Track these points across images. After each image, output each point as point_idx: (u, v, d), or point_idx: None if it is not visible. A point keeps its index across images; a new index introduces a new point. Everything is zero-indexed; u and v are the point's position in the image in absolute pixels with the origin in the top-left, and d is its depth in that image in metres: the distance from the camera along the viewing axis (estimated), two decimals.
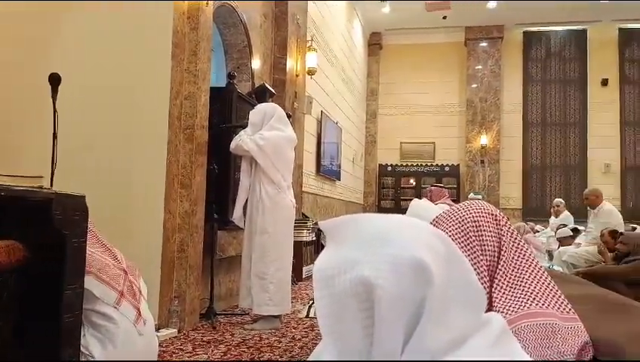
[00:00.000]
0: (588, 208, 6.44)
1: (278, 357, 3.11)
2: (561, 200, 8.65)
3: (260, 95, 4.18)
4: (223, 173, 4.14)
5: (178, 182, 3.68)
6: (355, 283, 0.72)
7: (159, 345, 2.86)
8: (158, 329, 3.25)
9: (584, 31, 12.15)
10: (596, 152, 11.93)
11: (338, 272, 0.74)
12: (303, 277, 6.33)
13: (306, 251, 6.52)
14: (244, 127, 3.96)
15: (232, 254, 4.51)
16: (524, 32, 12.45)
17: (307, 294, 5.39)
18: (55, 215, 1.83)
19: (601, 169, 11.89)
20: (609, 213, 6.06)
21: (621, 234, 4.94)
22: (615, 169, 11.90)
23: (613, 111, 11.99)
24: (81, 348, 2.04)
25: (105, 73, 3.47)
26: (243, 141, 3.81)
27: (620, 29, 12.03)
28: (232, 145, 3.90)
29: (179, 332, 3.55)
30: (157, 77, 3.59)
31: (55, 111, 2.46)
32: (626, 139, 11.97)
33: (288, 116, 4.23)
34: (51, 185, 2.33)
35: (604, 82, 11.97)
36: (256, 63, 5.55)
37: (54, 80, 2.53)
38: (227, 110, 4.27)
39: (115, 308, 2.18)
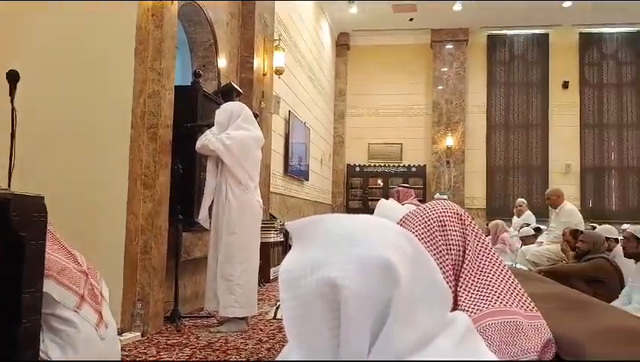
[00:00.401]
0: (549, 208, 6.60)
1: (244, 359, 3.08)
2: (523, 200, 8.82)
3: (227, 94, 4.13)
4: (187, 173, 4.07)
5: (141, 183, 3.61)
6: (322, 284, 0.71)
7: (122, 349, 2.80)
8: (120, 333, 3.18)
9: (546, 35, 12.47)
10: (557, 153, 12.26)
11: (305, 273, 0.73)
12: (271, 278, 6.29)
13: (274, 252, 6.49)
14: (209, 126, 3.91)
15: (197, 256, 4.44)
16: (488, 36, 12.69)
17: (274, 295, 5.36)
18: (12, 216, 1.77)
19: (561, 170, 12.22)
20: (570, 213, 6.22)
21: (581, 233, 5.08)
22: (575, 170, 12.25)
23: (574, 113, 12.34)
24: (40, 354, 1.98)
25: (66, 70, 3.37)
26: (209, 140, 3.76)
27: (581, 34, 12.39)
28: (198, 144, 3.85)
29: (142, 335, 3.48)
30: (120, 75, 3.51)
31: (13, 109, 2.38)
32: (585, 140, 12.33)
33: (255, 116, 4.20)
34: (9, 186, 2.25)
35: (565, 85, 12.30)
36: (222, 62, 5.49)
37: (12, 77, 2.45)
38: (192, 109, 4.21)
39: (76, 312, 2.12)
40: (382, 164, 12.76)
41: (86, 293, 2.18)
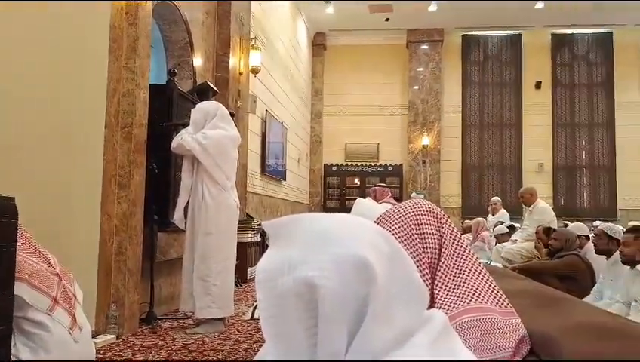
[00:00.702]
0: (523, 206, 6.70)
1: (222, 360, 3.06)
2: (497, 198, 8.93)
3: (202, 93, 4.10)
4: (163, 173, 4.03)
5: (115, 183, 3.55)
6: (299, 283, 0.71)
7: (97, 352, 2.75)
8: (95, 335, 3.13)
9: (519, 35, 12.66)
10: (530, 152, 12.46)
11: (281, 273, 0.73)
12: (248, 278, 6.26)
13: (251, 252, 6.46)
14: (185, 125, 3.87)
15: (173, 256, 4.40)
16: (462, 36, 12.83)
17: (252, 296, 5.34)
18: None
19: (534, 168, 12.43)
20: (543, 211, 6.32)
21: (554, 230, 5.17)
22: (548, 168, 12.47)
23: (546, 113, 12.56)
24: (12, 358, 1.94)
25: (38, 69, 3.30)
26: (184, 140, 3.73)
27: (553, 35, 12.61)
28: (173, 144, 3.81)
29: (117, 338, 3.43)
30: (93, 73, 3.45)
31: None
32: (557, 139, 12.56)
33: (232, 115, 4.17)
34: None
35: (538, 85, 12.52)
36: (198, 61, 5.45)
37: None
38: (167, 108, 4.16)
39: (49, 314, 2.09)
40: (359, 164, 12.81)
41: (59, 296, 2.14)
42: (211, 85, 4.24)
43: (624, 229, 3.91)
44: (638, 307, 3.09)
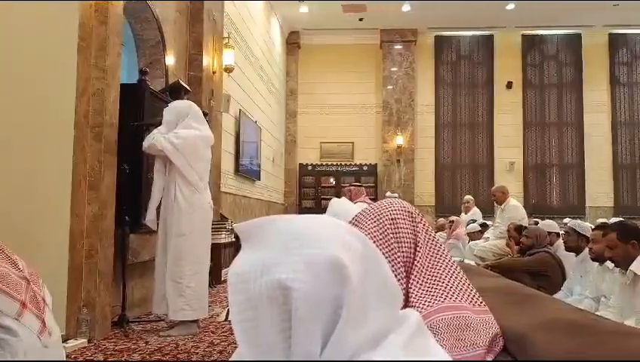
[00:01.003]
0: (495, 204, 6.79)
1: None
2: (470, 196, 9.04)
3: (174, 92, 4.05)
4: (134, 174, 3.97)
5: (86, 184, 3.48)
6: (272, 286, 0.71)
7: (68, 357, 2.70)
8: (65, 340, 3.06)
9: (491, 36, 12.85)
10: (502, 151, 12.66)
11: (254, 276, 0.73)
12: (222, 279, 6.21)
13: (225, 253, 6.41)
14: (157, 125, 3.82)
15: (145, 258, 4.33)
16: (435, 37, 12.96)
17: (226, 297, 5.28)
18: None
19: (506, 167, 12.63)
20: (514, 209, 6.42)
21: (525, 228, 5.25)
22: (518, 167, 12.68)
23: (517, 112, 12.77)
24: None
25: (5, 68, 3.21)
26: (156, 140, 3.67)
27: (523, 35, 12.83)
28: (145, 144, 3.75)
29: (89, 342, 3.36)
30: (62, 72, 3.37)
31: None
32: (528, 139, 12.79)
33: (205, 114, 4.13)
34: None
35: (509, 85, 12.72)
36: (170, 60, 5.38)
37: None
38: (139, 107, 4.10)
39: (17, 319, 2.02)
40: (334, 163, 12.83)
41: (27, 300, 2.08)
42: (184, 84, 4.20)
43: (592, 226, 4.00)
44: (606, 302, 3.16)
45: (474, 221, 7.47)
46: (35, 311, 2.12)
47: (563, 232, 4.45)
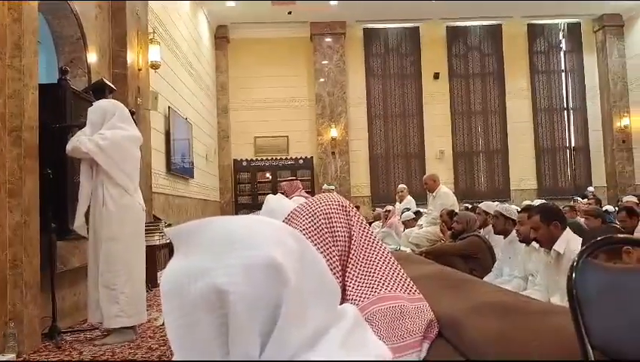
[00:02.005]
0: (427, 192, 6.99)
1: None
2: (404, 186, 9.25)
3: (98, 91, 3.88)
4: (59, 178, 3.78)
5: (6, 191, 3.28)
6: (207, 291, 0.69)
7: None
8: None
9: (417, 28, 13.16)
10: (432, 140, 13.05)
11: (188, 281, 0.71)
12: (158, 282, 6.05)
13: (160, 255, 6.24)
14: (80, 126, 3.65)
15: (75, 265, 4.15)
16: (364, 29, 13.13)
17: None
18: None
19: (436, 155, 13.03)
20: (445, 196, 6.64)
21: (456, 213, 5.45)
22: (448, 155, 13.12)
23: (445, 102, 13.19)
24: None
25: None
26: (81, 142, 3.51)
27: (448, 27, 13.24)
28: (69, 147, 3.58)
29: (18, 356, 3.19)
30: None
31: None
32: (456, 127, 13.24)
33: (132, 113, 3.99)
34: None
35: (436, 76, 13.10)
36: (92, 57, 5.15)
37: None
38: (60, 108, 3.90)
39: None
40: (269, 158, 12.76)
41: None
42: (108, 83, 4.03)
43: (519, 209, 4.19)
44: (534, 281, 3.33)
45: (408, 209, 7.65)
46: None
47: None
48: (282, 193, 4.88)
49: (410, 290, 1.35)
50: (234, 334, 0.70)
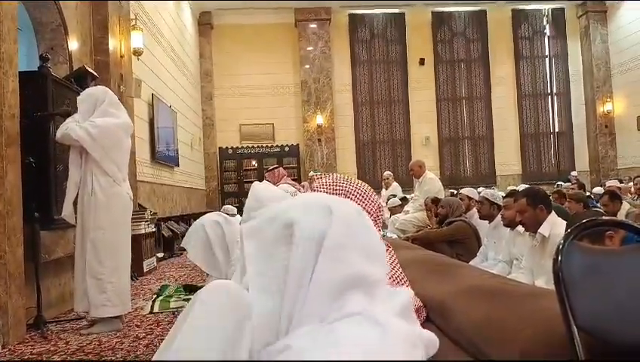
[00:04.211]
0: (413, 178, 7.02)
1: (121, 359, 2.92)
2: (389, 172, 9.28)
3: (80, 78, 3.82)
4: (41, 167, 3.72)
5: None
6: (283, 226, 1.05)
7: None
8: None
9: (402, 14, 13.12)
10: (417, 127, 13.08)
11: (270, 223, 1.10)
12: (145, 271, 6.02)
13: (146, 244, 6.20)
14: (62, 114, 3.58)
15: (60, 255, 4.11)
16: (349, 15, 13.06)
17: (150, 289, 5.14)
18: None
19: (422, 142, 13.07)
20: (431, 182, 6.67)
21: (440, 199, 5.48)
22: (434, 141, 13.16)
23: (430, 88, 13.21)
24: None
25: None
26: (71, 129, 3.44)
27: (433, 13, 13.21)
28: (58, 134, 3.51)
29: (3, 348, 3.16)
30: None
31: None
32: (441, 113, 13.27)
33: None
34: None
35: (422, 62, 13.09)
36: (73, 44, 5.06)
37: None
38: (42, 96, 3.82)
39: None
40: (255, 145, 12.69)
41: None
42: (90, 70, 3.97)
43: (503, 195, 4.23)
44: (518, 265, 3.37)
45: (394, 196, 7.69)
46: None
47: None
48: (268, 180, 4.87)
49: (401, 280, 1.36)
50: (294, 252, 1.01)
